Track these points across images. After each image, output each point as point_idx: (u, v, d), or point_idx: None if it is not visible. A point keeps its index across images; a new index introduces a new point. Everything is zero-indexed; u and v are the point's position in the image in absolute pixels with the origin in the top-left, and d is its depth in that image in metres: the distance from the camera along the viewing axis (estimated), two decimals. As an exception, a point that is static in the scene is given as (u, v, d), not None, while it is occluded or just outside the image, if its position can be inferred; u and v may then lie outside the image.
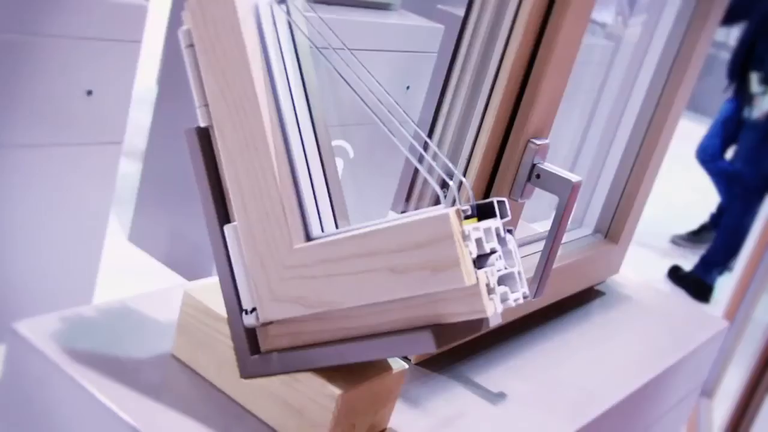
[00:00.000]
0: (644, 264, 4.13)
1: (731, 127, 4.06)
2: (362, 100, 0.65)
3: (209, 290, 0.81)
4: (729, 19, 4.26)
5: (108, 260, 2.33)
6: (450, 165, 0.69)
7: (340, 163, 2.89)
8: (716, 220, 4.47)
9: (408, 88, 3.05)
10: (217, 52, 0.74)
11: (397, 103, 0.69)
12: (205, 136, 0.76)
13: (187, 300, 0.81)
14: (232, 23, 0.72)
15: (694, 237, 4.56)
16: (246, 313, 0.75)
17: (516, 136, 0.87)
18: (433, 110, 0.87)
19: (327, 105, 0.81)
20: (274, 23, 0.76)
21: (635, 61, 1.24)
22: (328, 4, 2.77)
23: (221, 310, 0.78)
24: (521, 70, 0.86)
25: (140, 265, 2.87)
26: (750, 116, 3.77)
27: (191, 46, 0.75)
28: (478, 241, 0.64)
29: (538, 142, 0.88)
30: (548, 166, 0.88)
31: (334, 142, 2.86)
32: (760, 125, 3.70)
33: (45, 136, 2.00)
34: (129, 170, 3.24)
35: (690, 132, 5.68)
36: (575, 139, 3.72)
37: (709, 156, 4.13)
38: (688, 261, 4.25)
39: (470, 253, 0.63)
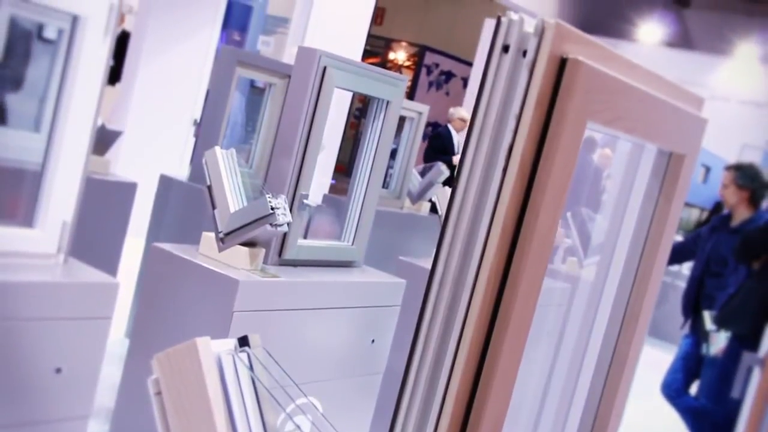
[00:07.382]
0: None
1: (692, 362, 4.14)
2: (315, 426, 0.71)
3: None
4: (676, 259, 4.49)
5: None
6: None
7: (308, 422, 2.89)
8: (689, 455, 4.44)
9: (373, 341, 3.12)
10: (182, 399, 0.80)
11: None
12: (170, 479, 0.80)
13: None
14: (197, 375, 0.79)
15: (669, 474, 4.50)
16: None
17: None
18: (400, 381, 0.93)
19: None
20: (236, 368, 0.83)
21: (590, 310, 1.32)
22: (294, 266, 2.89)
23: None
24: (469, 390, 0.93)
25: None
26: (708, 353, 3.86)
27: (159, 393, 0.82)
28: None
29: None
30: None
31: (301, 400, 2.88)
32: (719, 362, 3.79)
33: (11, 417, 2.01)
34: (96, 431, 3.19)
35: (655, 359, 5.77)
36: (535, 401, 3.74)
37: (673, 392, 4.19)
38: (666, 501, 4.17)
39: None
